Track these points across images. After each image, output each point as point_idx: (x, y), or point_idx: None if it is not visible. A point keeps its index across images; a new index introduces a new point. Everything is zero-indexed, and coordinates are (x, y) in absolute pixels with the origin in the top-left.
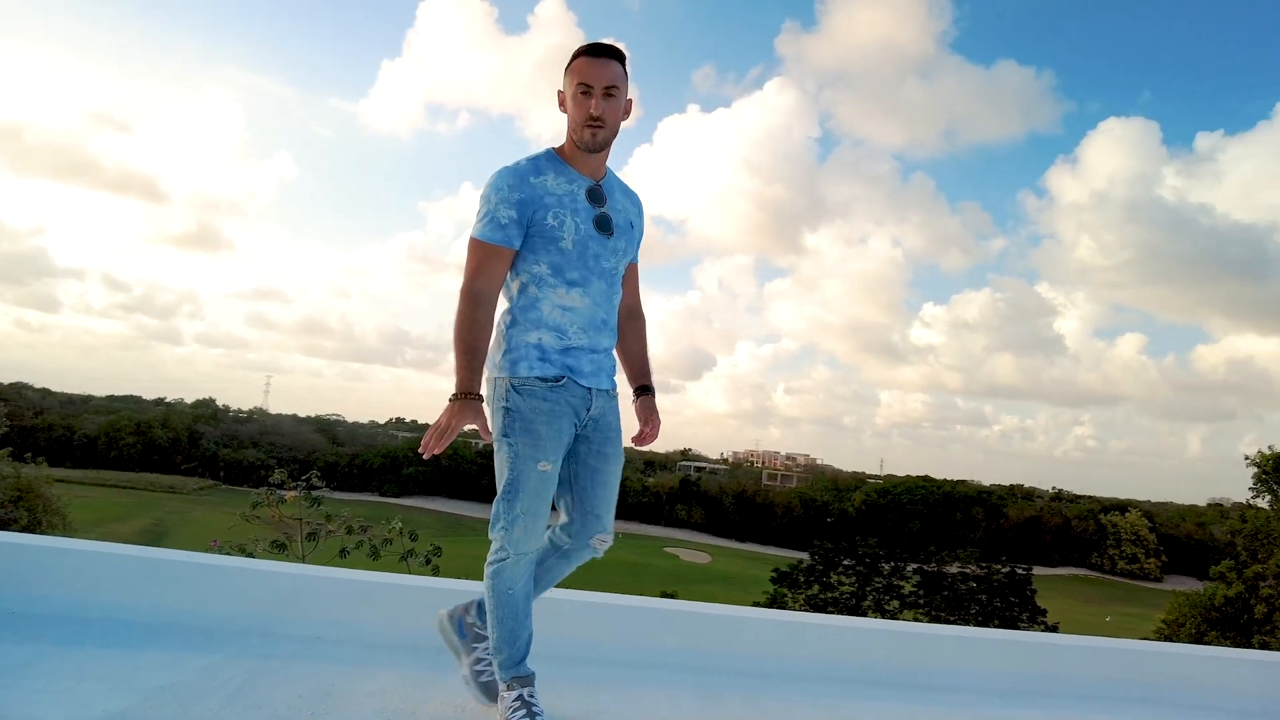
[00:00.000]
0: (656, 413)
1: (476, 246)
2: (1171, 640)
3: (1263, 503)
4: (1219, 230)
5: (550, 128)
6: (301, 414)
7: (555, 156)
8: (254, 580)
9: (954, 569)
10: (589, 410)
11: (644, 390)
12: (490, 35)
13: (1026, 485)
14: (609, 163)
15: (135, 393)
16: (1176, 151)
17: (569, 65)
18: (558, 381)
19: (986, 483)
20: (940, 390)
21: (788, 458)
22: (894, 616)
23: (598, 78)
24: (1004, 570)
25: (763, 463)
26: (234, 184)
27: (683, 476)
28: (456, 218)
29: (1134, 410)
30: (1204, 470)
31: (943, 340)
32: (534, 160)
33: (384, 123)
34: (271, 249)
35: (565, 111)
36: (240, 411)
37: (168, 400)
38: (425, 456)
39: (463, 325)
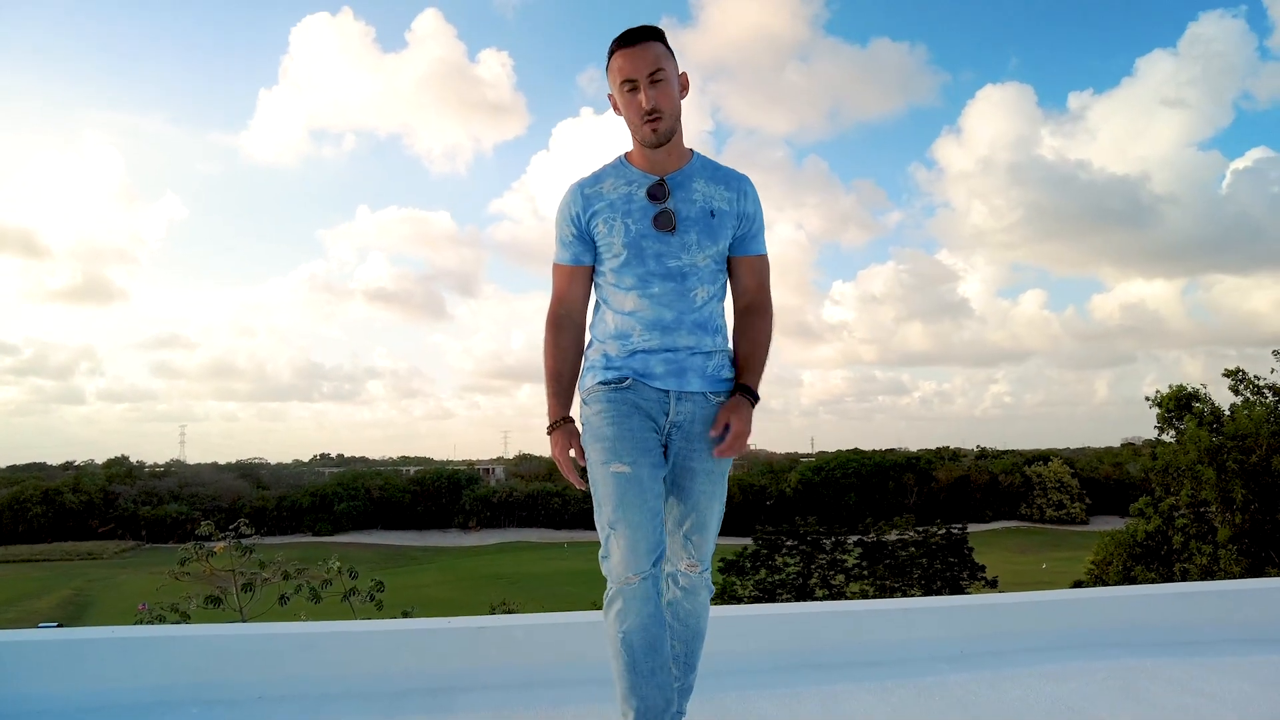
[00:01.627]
0: (739, 416)
1: (553, 271)
2: (1102, 578)
3: (1169, 438)
4: (1097, 184)
5: (441, 143)
6: (221, 461)
7: (622, 160)
8: (185, 647)
9: (893, 537)
10: (668, 415)
11: (739, 389)
12: (369, 55)
13: (952, 446)
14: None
15: (40, 460)
16: (1051, 113)
17: (608, 65)
18: (621, 384)
19: (914, 448)
20: (858, 364)
21: None
22: (841, 591)
23: (639, 67)
24: (940, 532)
25: None
26: (120, 230)
27: None
28: (357, 243)
29: (1043, 363)
30: (1113, 413)
31: (854, 316)
32: (598, 170)
33: (268, 153)
34: (168, 294)
35: (619, 114)
36: (157, 466)
37: (77, 463)
38: (580, 489)
39: (545, 352)
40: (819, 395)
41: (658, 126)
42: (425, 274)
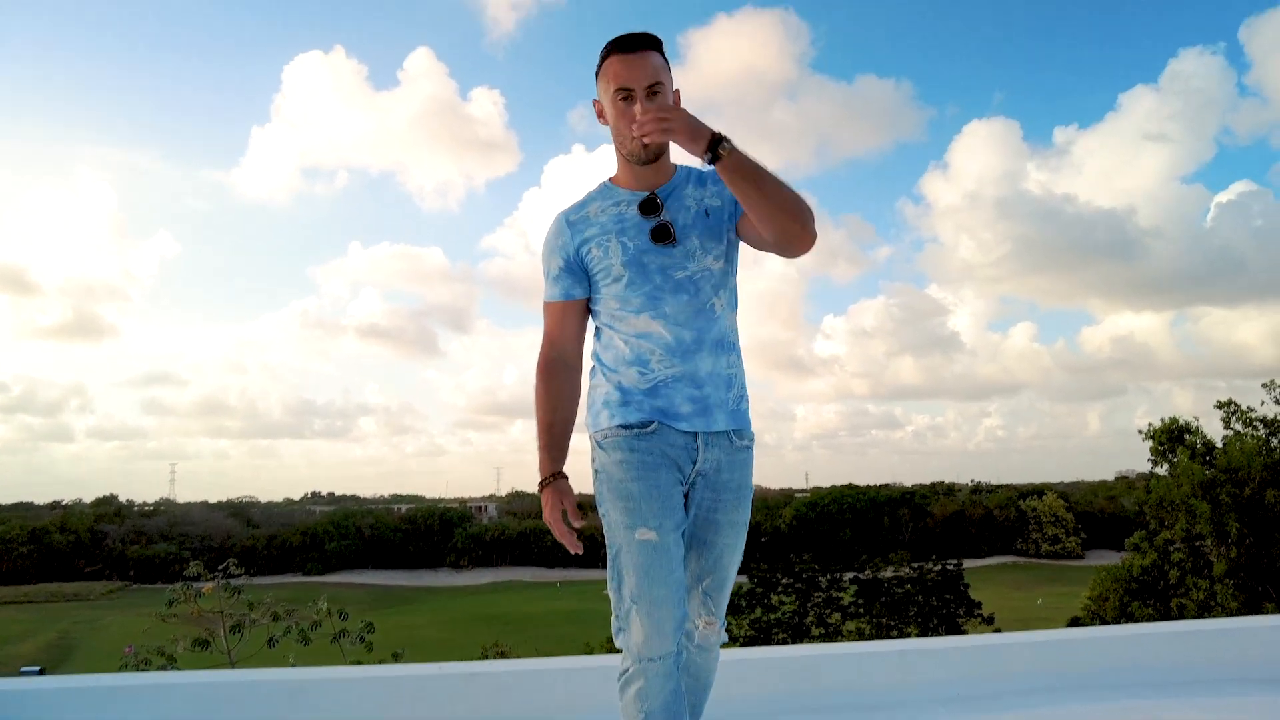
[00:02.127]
0: (685, 114)
1: (543, 311)
2: (1100, 614)
3: (1163, 471)
4: (1084, 217)
5: (433, 180)
6: (212, 500)
7: (607, 184)
8: (171, 694)
9: (888, 574)
10: (695, 463)
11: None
12: (361, 93)
13: (946, 481)
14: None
15: (27, 499)
16: (1037, 147)
17: (600, 68)
18: (645, 428)
19: (908, 483)
20: (850, 398)
21: None
22: (837, 629)
23: (637, 77)
24: (935, 569)
25: None
26: (111, 267)
27: None
28: (349, 279)
29: (1035, 396)
30: (1106, 446)
31: (846, 349)
32: (582, 198)
33: (260, 190)
34: (159, 331)
35: (606, 123)
36: (146, 505)
37: (64, 502)
38: (576, 553)
39: (536, 402)
40: (812, 429)
41: (649, 142)
42: (417, 310)
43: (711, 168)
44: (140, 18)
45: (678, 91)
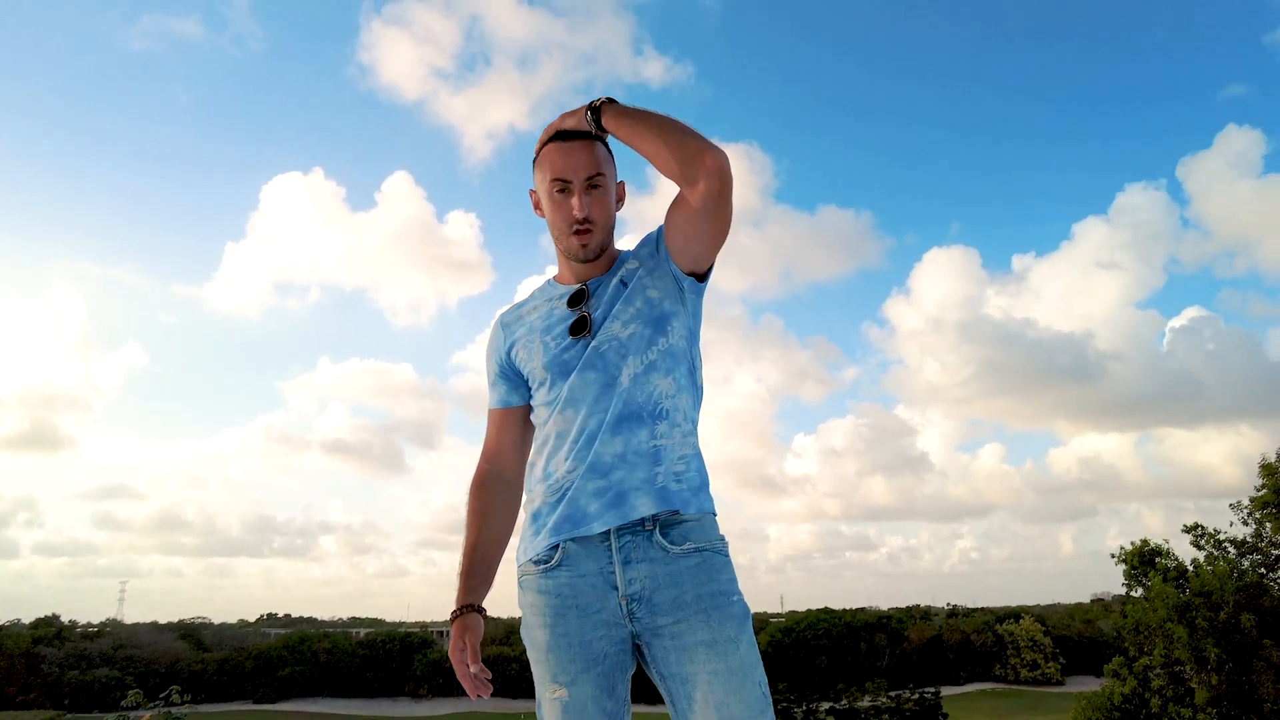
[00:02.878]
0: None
1: (487, 421)
2: None
3: (1137, 594)
4: (1044, 341)
5: (406, 297)
6: (162, 620)
7: (549, 281)
8: None
9: (865, 703)
10: (618, 589)
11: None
12: (338, 212)
13: (923, 605)
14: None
15: None
16: (995, 274)
17: (538, 156)
18: (550, 561)
19: (884, 606)
20: (823, 518)
21: None
22: None
23: (575, 167)
24: (913, 698)
25: None
26: (75, 378)
27: None
28: (317, 393)
29: (1006, 518)
30: (1080, 567)
31: (817, 469)
32: (525, 297)
33: (232, 304)
34: (120, 444)
35: (540, 215)
36: (90, 626)
37: (1, 623)
38: (475, 698)
39: (465, 523)
40: (786, 550)
41: (588, 241)
42: (385, 425)
43: (640, 242)
44: (123, 135)
45: (622, 184)
